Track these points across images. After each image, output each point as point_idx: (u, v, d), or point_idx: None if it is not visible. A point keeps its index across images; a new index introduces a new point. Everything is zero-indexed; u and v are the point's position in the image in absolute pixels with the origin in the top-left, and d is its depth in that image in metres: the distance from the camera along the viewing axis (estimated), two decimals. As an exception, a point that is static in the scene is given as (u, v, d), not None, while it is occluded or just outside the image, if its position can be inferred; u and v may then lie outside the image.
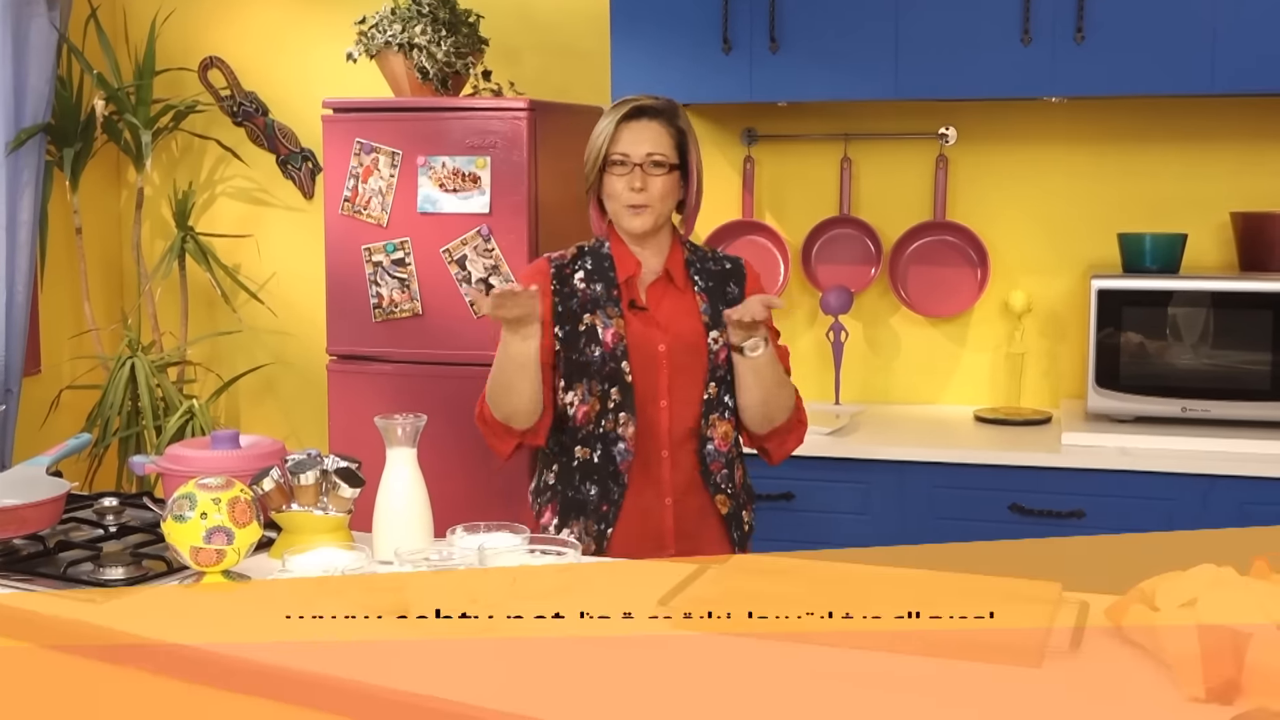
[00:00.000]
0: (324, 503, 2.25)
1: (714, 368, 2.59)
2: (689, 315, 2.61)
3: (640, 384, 2.56)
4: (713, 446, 2.60)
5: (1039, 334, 3.81)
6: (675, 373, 2.58)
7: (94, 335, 4.31)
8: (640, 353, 2.57)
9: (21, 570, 2.19)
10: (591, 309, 2.59)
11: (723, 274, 2.67)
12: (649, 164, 2.56)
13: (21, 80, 3.90)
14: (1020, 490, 3.26)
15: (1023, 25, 3.32)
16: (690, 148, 2.62)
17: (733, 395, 2.61)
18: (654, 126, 2.59)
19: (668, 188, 2.57)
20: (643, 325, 2.59)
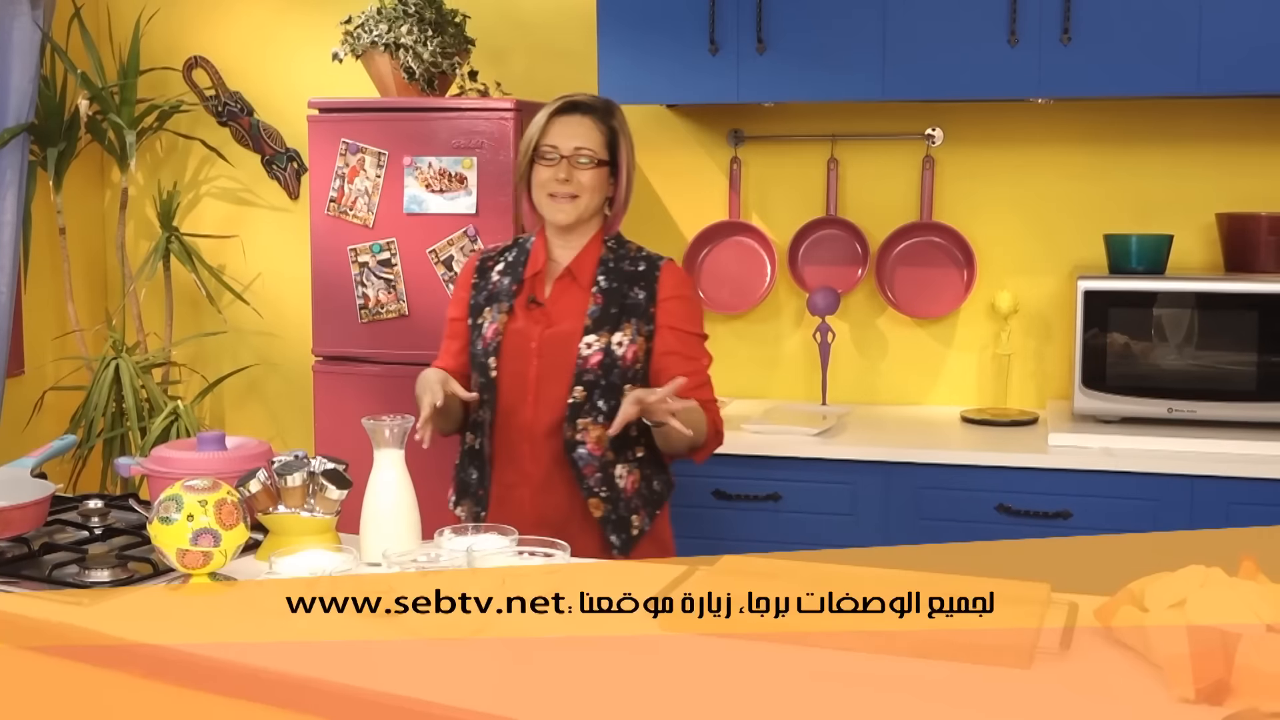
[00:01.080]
0: (311, 504, 2.24)
1: (581, 371, 2.58)
2: (575, 315, 2.62)
3: (509, 379, 2.61)
4: (584, 450, 2.59)
5: (1025, 334, 3.81)
6: (544, 371, 2.60)
7: (78, 336, 4.29)
8: (513, 349, 2.62)
9: (6, 572, 2.18)
10: (491, 302, 2.67)
11: (633, 276, 2.65)
12: (577, 157, 2.60)
13: (4, 80, 3.88)
14: (1007, 491, 3.27)
15: (1009, 26, 3.33)
16: (621, 146, 2.65)
17: (607, 400, 2.59)
18: (585, 122, 2.64)
19: (594, 182, 2.61)
20: (527, 322, 2.63)
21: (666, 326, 2.63)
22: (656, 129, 4.02)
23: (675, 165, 4.02)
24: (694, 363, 2.64)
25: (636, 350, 2.61)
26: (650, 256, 2.69)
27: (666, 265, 2.68)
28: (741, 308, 3.98)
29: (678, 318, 2.64)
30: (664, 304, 2.64)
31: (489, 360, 2.63)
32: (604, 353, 2.58)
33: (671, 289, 2.65)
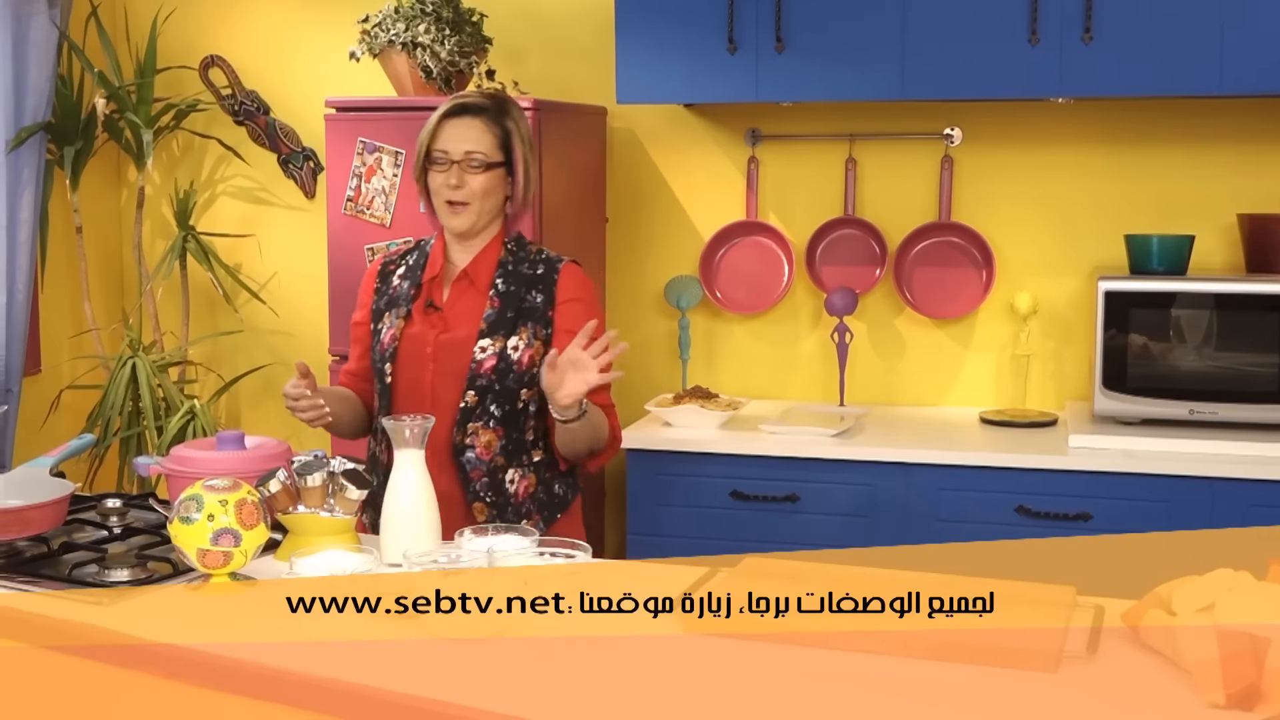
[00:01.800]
0: (331, 504, 2.23)
1: (474, 376, 2.55)
2: (471, 319, 2.59)
3: (405, 385, 2.60)
4: (473, 455, 2.56)
5: (1044, 335, 3.79)
6: (439, 376, 2.58)
7: (94, 335, 4.29)
8: (410, 354, 2.60)
9: (26, 572, 2.17)
10: (391, 307, 2.66)
11: (531, 279, 2.61)
12: (467, 162, 2.55)
13: (22, 78, 3.88)
14: (1026, 493, 3.25)
15: (1030, 25, 3.31)
16: (515, 145, 2.59)
17: (501, 405, 2.56)
18: (476, 124, 2.57)
19: (488, 186, 2.56)
20: (424, 327, 2.61)
21: (564, 330, 2.58)
22: (673, 128, 4.01)
23: (692, 165, 4.01)
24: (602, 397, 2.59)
25: (533, 354, 2.57)
26: (550, 259, 2.65)
27: (565, 268, 2.64)
28: (758, 308, 3.96)
29: (576, 321, 2.56)
30: (562, 307, 2.60)
31: (385, 366, 2.62)
32: (498, 357, 2.55)
33: (570, 292, 2.61)
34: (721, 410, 3.57)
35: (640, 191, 4.07)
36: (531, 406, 2.60)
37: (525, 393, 2.58)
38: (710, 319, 4.04)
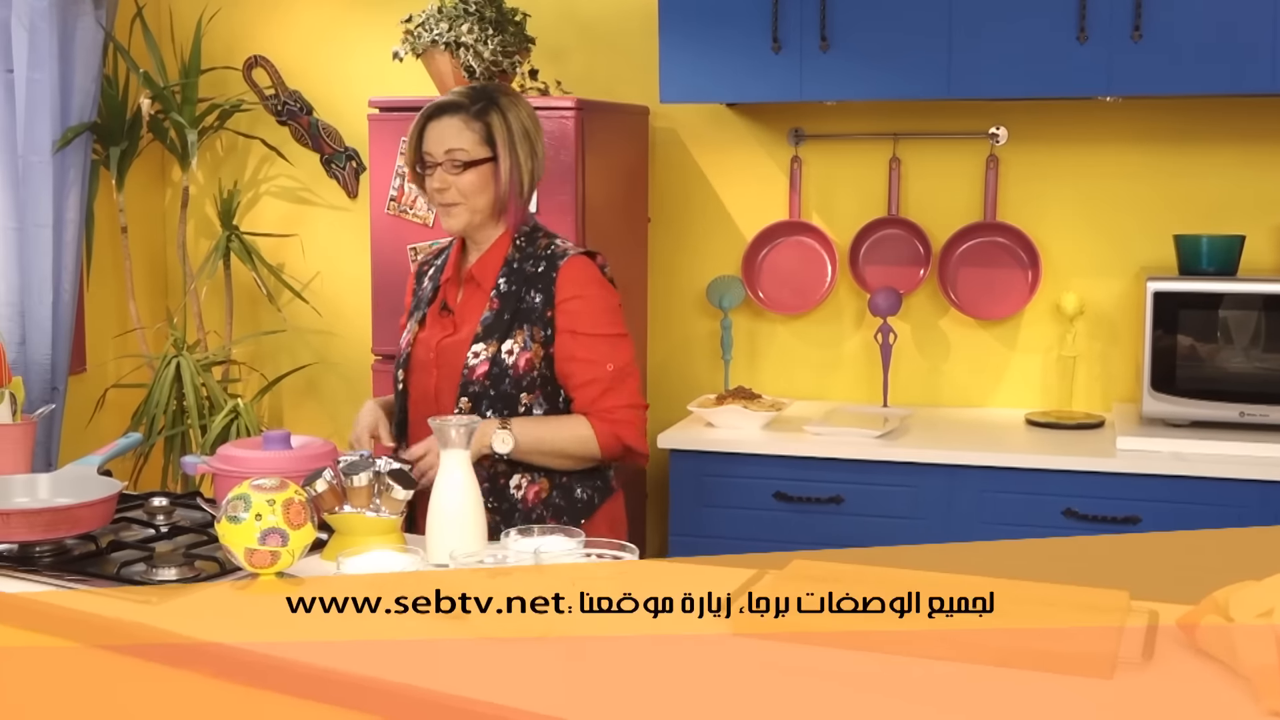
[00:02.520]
0: (377, 504, 2.23)
1: (466, 383, 2.51)
2: (474, 321, 2.55)
3: (417, 391, 2.59)
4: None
5: (1090, 336, 3.76)
6: (442, 381, 2.55)
7: (139, 334, 4.31)
8: (419, 360, 2.59)
9: (74, 570, 2.18)
10: (415, 311, 2.67)
11: (531, 277, 2.53)
12: (449, 162, 2.51)
13: (68, 79, 3.90)
14: (1073, 495, 3.22)
15: (1079, 23, 3.27)
16: (499, 138, 2.51)
17: (498, 410, 2.50)
18: (454, 123, 2.51)
19: (475, 183, 2.50)
20: (434, 331, 2.59)
21: (566, 331, 2.51)
22: (716, 128, 3.99)
23: (735, 164, 4.00)
24: (596, 368, 2.50)
25: (530, 358, 2.50)
26: (553, 254, 2.54)
27: (566, 264, 2.53)
28: (802, 308, 3.94)
29: (577, 320, 2.50)
30: (562, 306, 2.51)
31: (398, 372, 2.63)
32: (491, 362, 2.49)
33: (571, 289, 2.51)
34: (765, 411, 3.55)
35: (682, 191, 4.05)
36: (536, 410, 2.53)
37: (526, 396, 2.52)
38: (752, 319, 4.03)
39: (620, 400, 2.52)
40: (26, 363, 3.80)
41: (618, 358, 2.53)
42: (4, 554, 2.25)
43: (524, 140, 2.53)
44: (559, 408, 2.56)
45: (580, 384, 2.51)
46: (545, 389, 2.53)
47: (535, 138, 2.56)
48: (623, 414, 2.53)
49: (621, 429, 2.52)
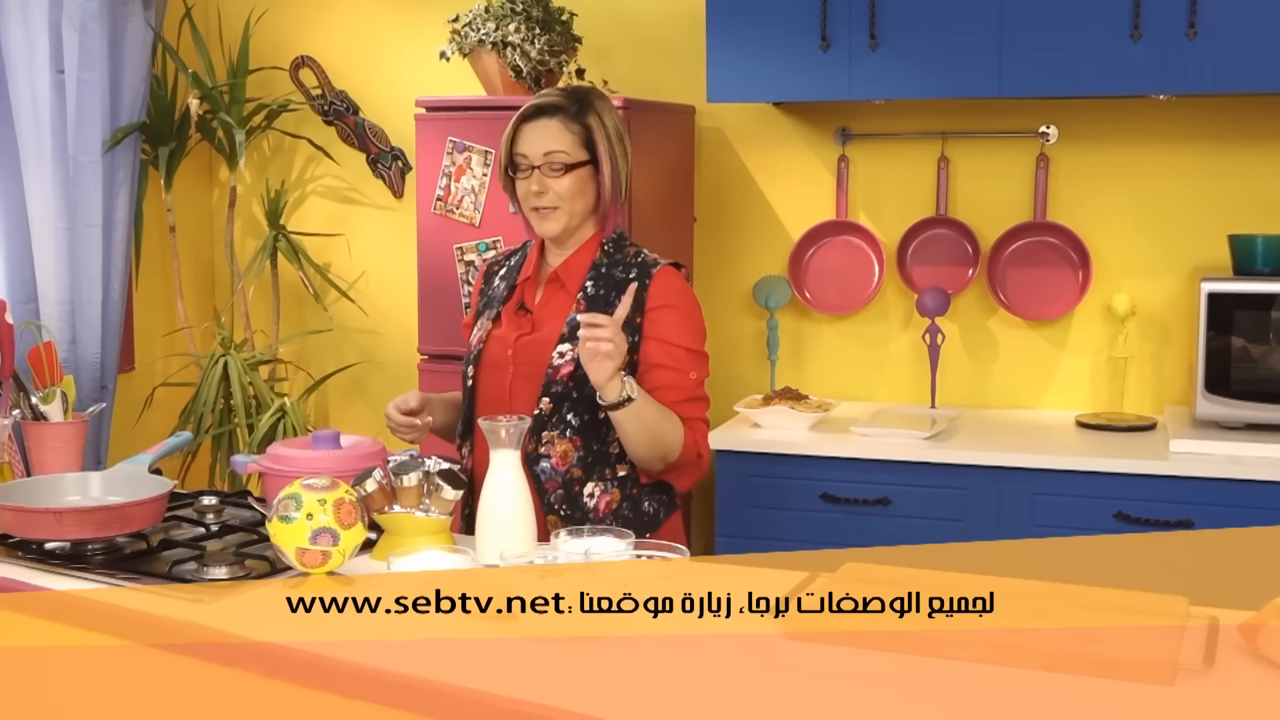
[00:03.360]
0: (426, 504, 2.23)
1: (550, 382, 2.47)
2: (557, 322, 2.50)
3: (488, 389, 2.54)
4: (548, 465, 2.48)
5: (1141, 338, 3.72)
6: (518, 380, 2.51)
7: (186, 333, 4.33)
8: (492, 357, 2.55)
9: (126, 568, 2.19)
10: (486, 309, 2.62)
11: (622, 283, 2.47)
12: (547, 165, 2.45)
13: (118, 80, 3.92)
14: (1125, 498, 3.18)
15: (1133, 21, 3.24)
16: (599, 142, 2.46)
17: (579, 414, 2.46)
18: (552, 125, 2.46)
19: (574, 187, 2.46)
20: (510, 329, 2.54)
21: (653, 338, 2.46)
22: (762, 127, 3.98)
23: (781, 164, 3.98)
24: (679, 376, 2.47)
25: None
26: (645, 263, 2.51)
27: (659, 272, 2.49)
28: (848, 308, 3.92)
29: (665, 329, 2.47)
30: (651, 314, 2.47)
31: (468, 369, 2.59)
32: (576, 364, 2.42)
33: (661, 298, 2.47)
34: (812, 412, 3.53)
35: (729, 191, 4.04)
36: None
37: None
38: (799, 319, 4.01)
39: (698, 412, 2.51)
40: (77, 361, 3.83)
41: (700, 370, 2.52)
42: (56, 552, 2.26)
43: (619, 143, 2.50)
44: None
45: (662, 386, 2.46)
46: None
47: (628, 144, 2.53)
48: (700, 427, 2.51)
49: (700, 443, 2.51)
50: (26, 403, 2.69)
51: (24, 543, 2.28)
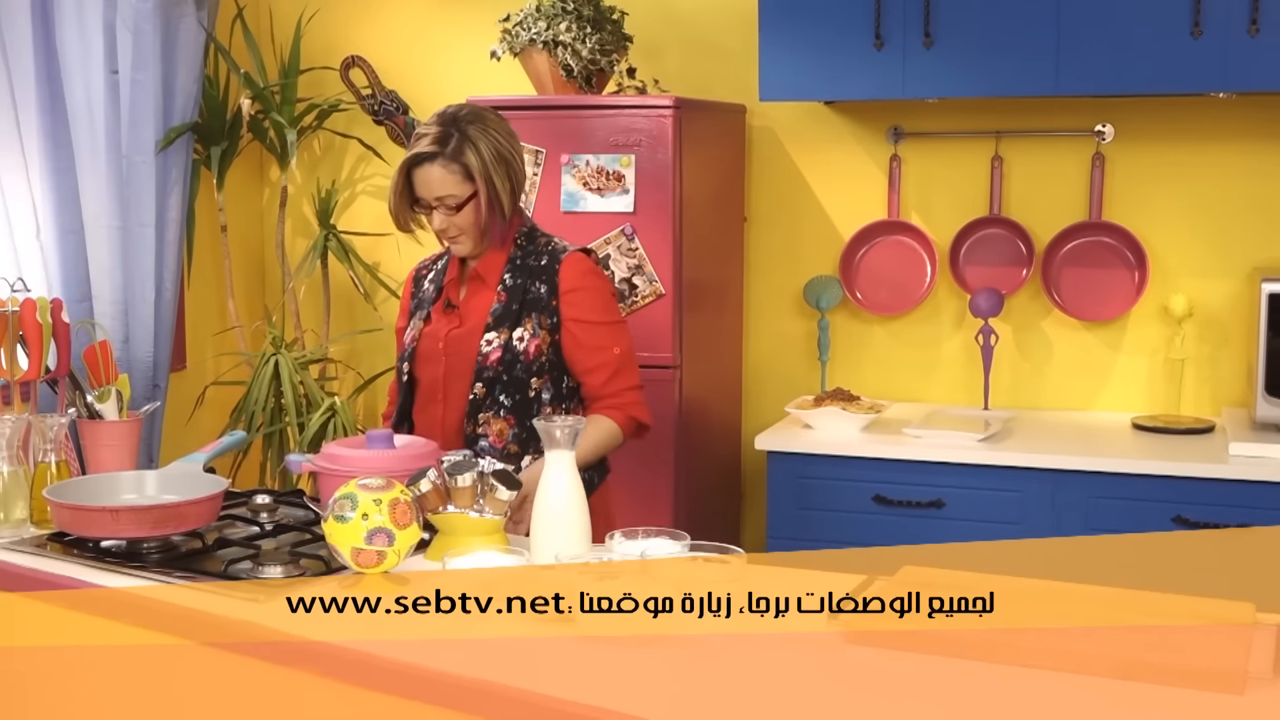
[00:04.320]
0: (480, 505, 2.22)
1: (481, 368, 2.67)
2: (481, 314, 2.71)
3: (425, 382, 2.76)
4: (485, 444, 2.68)
5: (1199, 339, 3.66)
6: (450, 372, 2.71)
7: (237, 332, 4.35)
8: (425, 351, 2.75)
9: (182, 567, 2.19)
10: (417, 310, 2.82)
11: (535, 270, 2.70)
12: (442, 206, 2.65)
13: (170, 80, 3.94)
14: (1183, 502, 3.14)
15: (1193, 17, 3.19)
16: (475, 173, 2.62)
17: (510, 394, 2.67)
18: (434, 170, 2.63)
19: (470, 217, 2.65)
20: (440, 325, 2.75)
21: (572, 320, 2.68)
22: (813, 126, 3.95)
23: (832, 163, 3.95)
24: (604, 354, 2.69)
25: (539, 344, 2.67)
26: (554, 250, 2.72)
27: (568, 258, 2.71)
28: (900, 309, 3.89)
29: (581, 309, 2.68)
30: (566, 297, 2.68)
31: (404, 365, 2.79)
32: (504, 349, 2.66)
33: (572, 281, 2.69)
34: (864, 413, 3.50)
35: (780, 190, 4.01)
36: (545, 394, 2.69)
37: (535, 381, 2.68)
38: (850, 320, 3.98)
39: (628, 382, 2.72)
40: (130, 360, 3.85)
41: (621, 342, 2.73)
42: (113, 550, 2.27)
43: (499, 164, 2.65)
44: (563, 392, 2.72)
45: (591, 368, 2.69)
46: (553, 374, 2.70)
47: (511, 155, 2.68)
48: (631, 395, 2.72)
49: (634, 409, 2.72)
50: (82, 401, 2.70)
51: (80, 541, 2.29)
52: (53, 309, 2.70)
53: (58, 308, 2.73)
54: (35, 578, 2.22)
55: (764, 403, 4.04)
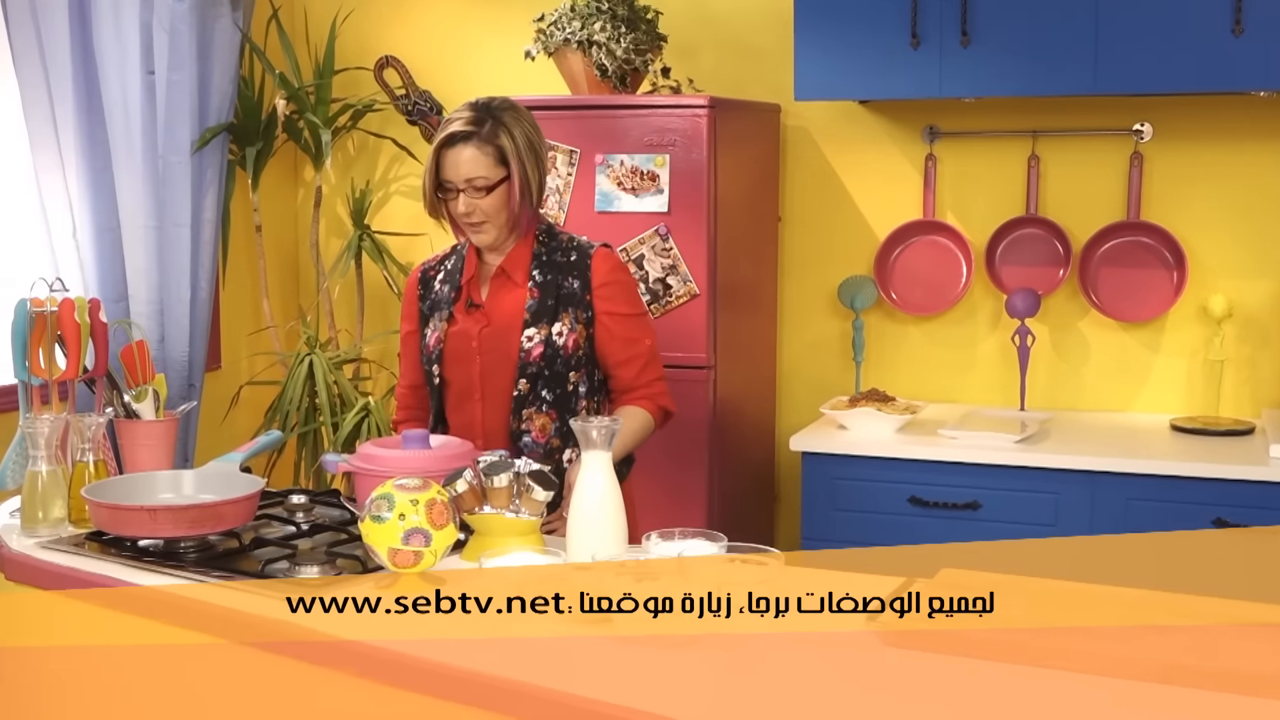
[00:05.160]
0: (516, 505, 2.22)
1: (524, 365, 2.67)
2: (512, 311, 2.69)
3: (456, 382, 2.73)
4: (529, 439, 2.69)
5: (1239, 340, 3.63)
6: (488, 370, 2.70)
7: (271, 332, 4.36)
8: (456, 351, 2.73)
9: (219, 566, 2.19)
10: (434, 311, 2.78)
11: (565, 266, 2.70)
12: (470, 188, 2.62)
13: (206, 81, 3.96)
14: (1224, 505, 3.11)
15: (1234, 15, 3.15)
16: (510, 156, 2.61)
17: (552, 389, 2.68)
18: (468, 150, 2.61)
19: (497, 203, 2.63)
20: (468, 324, 2.72)
21: (604, 313, 2.70)
22: (847, 125, 3.93)
23: (867, 162, 3.93)
24: (636, 345, 2.72)
25: (576, 338, 2.68)
26: (581, 245, 2.74)
27: (597, 253, 2.72)
28: (935, 309, 3.87)
29: (614, 302, 2.70)
30: (599, 291, 2.70)
31: (433, 367, 2.75)
32: (545, 344, 2.67)
33: (604, 275, 2.71)
34: (899, 414, 3.48)
35: (814, 190, 4.00)
36: (581, 388, 2.71)
37: (574, 375, 2.70)
38: (884, 320, 3.96)
39: (657, 373, 2.77)
40: (165, 360, 3.87)
41: (650, 334, 2.77)
42: (150, 549, 2.27)
43: (530, 152, 2.65)
44: (595, 384, 2.74)
45: (623, 360, 2.72)
46: (587, 367, 2.72)
47: (540, 147, 2.69)
48: (660, 385, 2.77)
49: (663, 399, 2.76)
50: (119, 401, 2.71)
51: (118, 540, 2.30)
52: (91, 309, 2.71)
53: (95, 308, 2.74)
54: (74, 576, 2.23)
55: (798, 403, 4.02)
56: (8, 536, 2.41)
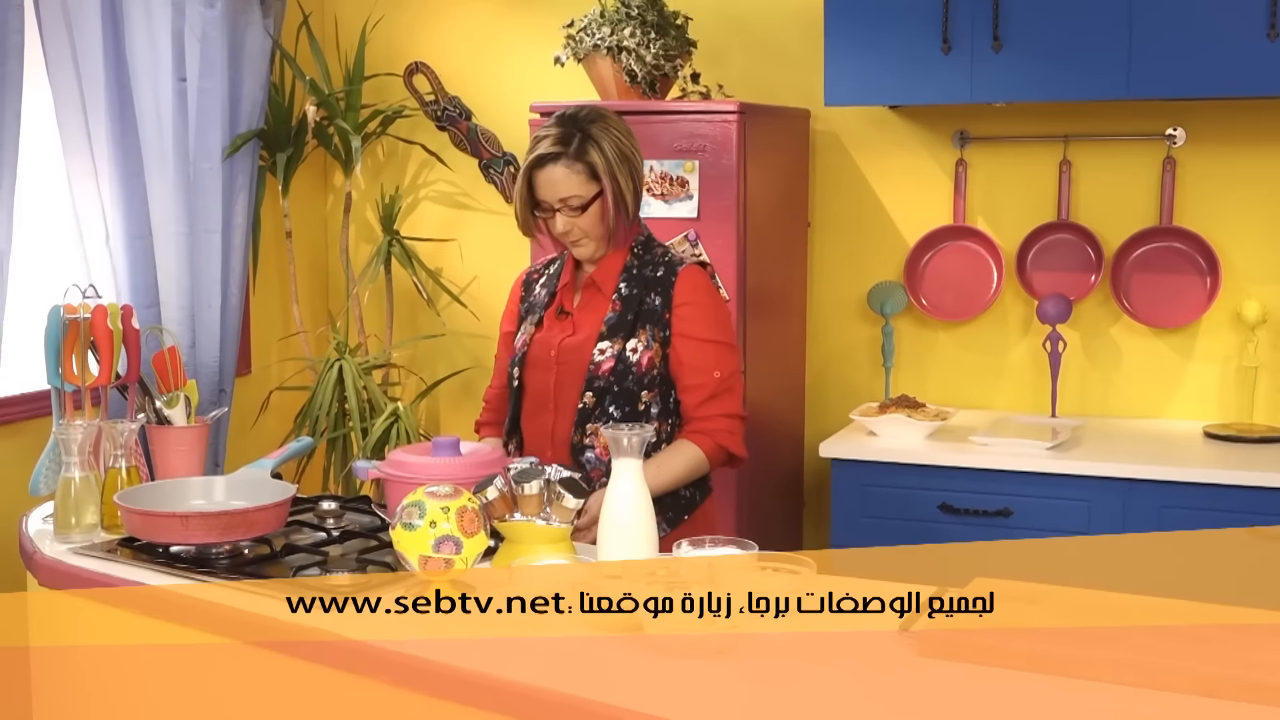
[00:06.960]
0: (547, 513, 2.21)
1: (592, 377, 2.61)
2: (596, 323, 2.65)
3: (535, 389, 2.70)
4: (593, 455, 2.62)
5: (1273, 346, 3.60)
6: (562, 380, 2.65)
7: (301, 337, 4.38)
8: (536, 358, 2.70)
9: (250, 573, 2.20)
10: (529, 314, 2.77)
11: (651, 281, 2.64)
12: (565, 206, 2.59)
13: (237, 87, 3.97)
14: (1258, 513, 3.08)
15: (1270, 19, 3.13)
16: (601, 172, 2.57)
17: (620, 406, 2.60)
18: (558, 170, 2.58)
19: (592, 219, 2.60)
20: (553, 331, 2.70)
21: (679, 335, 2.62)
22: (877, 130, 3.92)
23: (897, 168, 3.91)
24: (702, 374, 2.62)
25: (652, 356, 2.61)
26: (671, 261, 2.67)
27: (684, 271, 2.65)
28: (966, 315, 3.85)
29: (690, 324, 2.62)
30: (678, 310, 2.63)
31: (514, 370, 2.74)
32: (616, 359, 2.61)
33: (685, 295, 2.63)
34: (929, 420, 3.47)
35: (843, 195, 3.98)
36: (653, 408, 2.63)
37: (646, 394, 2.62)
38: (915, 326, 3.94)
39: (722, 409, 2.63)
40: (196, 365, 3.88)
41: (724, 365, 2.64)
42: (182, 555, 2.28)
43: (622, 163, 2.61)
44: (670, 407, 2.66)
45: (688, 386, 2.63)
46: (662, 388, 2.64)
47: (633, 154, 2.64)
48: (724, 423, 2.63)
49: (723, 438, 2.63)
50: (151, 406, 2.72)
51: (150, 546, 2.31)
52: (123, 315, 2.72)
53: (128, 314, 2.75)
54: (106, 582, 2.24)
55: (828, 409, 4.01)
56: (41, 542, 2.42)
